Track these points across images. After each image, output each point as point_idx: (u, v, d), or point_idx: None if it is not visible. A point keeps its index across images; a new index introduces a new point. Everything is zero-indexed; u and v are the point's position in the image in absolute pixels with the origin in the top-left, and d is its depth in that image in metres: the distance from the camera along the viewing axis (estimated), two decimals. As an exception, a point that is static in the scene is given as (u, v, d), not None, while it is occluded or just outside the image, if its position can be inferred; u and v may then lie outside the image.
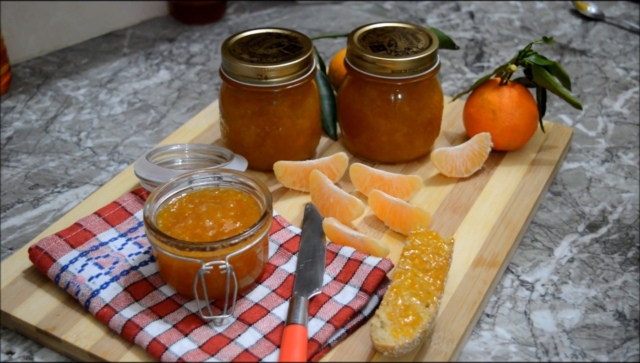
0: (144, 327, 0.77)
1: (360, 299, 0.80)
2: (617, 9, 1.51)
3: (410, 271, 0.80)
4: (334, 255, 0.86)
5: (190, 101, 1.21)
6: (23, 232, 0.95)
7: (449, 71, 1.30)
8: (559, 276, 0.88)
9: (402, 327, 0.74)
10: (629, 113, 1.18)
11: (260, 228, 0.78)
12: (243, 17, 1.48)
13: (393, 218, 0.91)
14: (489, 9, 1.51)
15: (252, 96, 0.96)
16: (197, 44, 1.38)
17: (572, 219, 0.97)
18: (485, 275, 0.85)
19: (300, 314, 0.77)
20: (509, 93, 1.01)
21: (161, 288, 0.82)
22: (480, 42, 1.39)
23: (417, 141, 1.01)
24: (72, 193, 1.01)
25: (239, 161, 0.98)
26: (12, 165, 1.06)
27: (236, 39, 0.99)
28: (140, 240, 0.88)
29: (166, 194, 0.83)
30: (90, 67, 1.30)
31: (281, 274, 0.84)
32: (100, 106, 1.20)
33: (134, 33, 1.41)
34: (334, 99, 1.08)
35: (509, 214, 0.94)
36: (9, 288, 0.83)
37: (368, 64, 0.96)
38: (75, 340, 0.78)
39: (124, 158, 1.08)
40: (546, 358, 0.79)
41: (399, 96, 0.98)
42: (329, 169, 0.97)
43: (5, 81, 1.21)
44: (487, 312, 0.84)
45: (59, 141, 1.12)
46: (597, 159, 1.08)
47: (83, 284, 0.81)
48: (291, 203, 0.96)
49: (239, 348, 0.76)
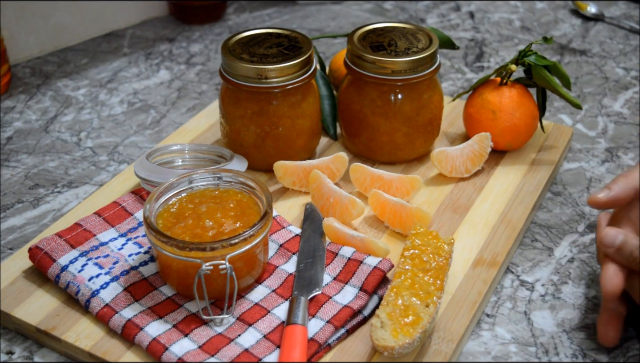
0: (144, 327, 0.77)
1: (360, 299, 0.80)
2: (617, 9, 1.51)
3: (410, 271, 0.80)
4: (334, 255, 0.86)
5: (190, 101, 1.21)
6: (23, 232, 0.95)
7: (449, 71, 1.30)
8: (559, 276, 0.88)
9: (402, 327, 0.74)
10: (629, 113, 1.18)
11: (260, 228, 0.78)
12: (243, 17, 1.48)
13: (393, 218, 0.91)
14: (489, 9, 1.51)
15: (252, 96, 0.96)
16: (197, 44, 1.38)
17: (572, 219, 0.97)
18: (485, 275, 0.85)
19: (300, 314, 0.77)
20: (509, 93, 1.01)
21: (161, 288, 0.82)
22: (480, 42, 1.39)
23: (417, 141, 1.01)
24: (72, 193, 1.01)
25: (239, 161, 0.98)
26: (12, 165, 1.06)
27: (236, 39, 0.99)
28: (140, 240, 0.88)
29: (166, 194, 0.83)
30: (90, 67, 1.30)
31: (281, 274, 0.84)
32: (100, 106, 1.20)
33: (134, 33, 1.41)
34: (334, 99, 1.08)
35: (509, 214, 0.94)
36: (9, 288, 0.83)
37: (368, 64, 0.96)
38: (75, 340, 0.78)
39: (124, 158, 1.08)
40: (546, 358, 0.79)
41: (399, 96, 0.98)
42: (329, 169, 0.97)
43: (5, 81, 1.21)
44: (487, 312, 0.84)
45: (59, 141, 1.12)
46: (597, 159, 1.08)
47: (83, 284, 0.81)
48: (291, 203, 0.96)
49: (239, 348, 0.76)
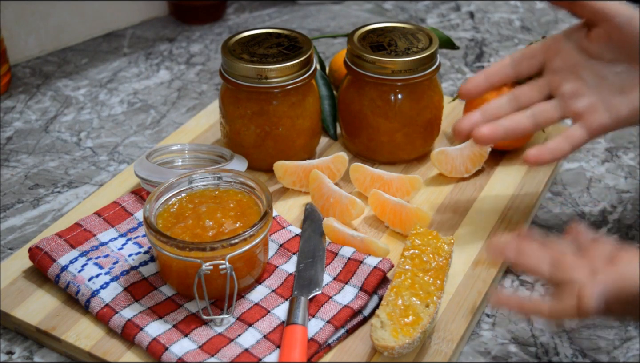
0: (144, 327, 0.77)
1: (360, 299, 0.80)
2: (617, 9, 1.51)
3: (410, 271, 0.80)
4: (334, 255, 0.86)
5: (190, 101, 1.21)
6: (23, 232, 0.95)
7: (449, 71, 1.30)
8: (559, 276, 0.88)
9: (402, 327, 0.74)
10: (629, 113, 1.18)
11: (260, 228, 0.78)
12: (243, 17, 1.48)
13: (393, 218, 0.91)
14: (489, 9, 1.51)
15: (252, 96, 0.96)
16: (197, 44, 1.38)
17: (572, 219, 0.97)
18: (485, 275, 0.85)
19: (300, 314, 0.77)
20: (509, 93, 1.01)
21: (161, 288, 0.82)
22: (480, 42, 1.39)
23: (417, 141, 1.01)
24: (72, 193, 1.01)
25: (239, 161, 0.98)
26: (12, 165, 1.06)
27: (236, 39, 0.99)
28: (140, 240, 0.88)
29: (166, 194, 0.83)
30: (90, 67, 1.30)
31: (281, 274, 0.84)
32: (100, 106, 1.20)
33: (134, 33, 1.41)
34: (334, 99, 1.08)
35: (509, 214, 0.94)
36: (9, 288, 0.83)
37: (368, 64, 0.96)
38: (75, 340, 0.78)
39: (124, 158, 1.08)
40: (546, 358, 0.79)
41: (399, 96, 0.98)
42: (329, 169, 0.97)
43: (5, 81, 1.21)
44: (487, 312, 0.84)
45: (59, 141, 1.12)
46: (597, 159, 1.08)
47: (83, 284, 0.81)
48: (291, 203, 0.96)
49: (239, 348, 0.76)
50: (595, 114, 0.85)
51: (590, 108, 0.85)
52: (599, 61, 0.86)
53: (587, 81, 0.86)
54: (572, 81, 0.87)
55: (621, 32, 0.84)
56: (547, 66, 0.89)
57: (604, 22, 0.84)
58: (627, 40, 0.84)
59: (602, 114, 0.85)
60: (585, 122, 0.85)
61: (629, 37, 0.83)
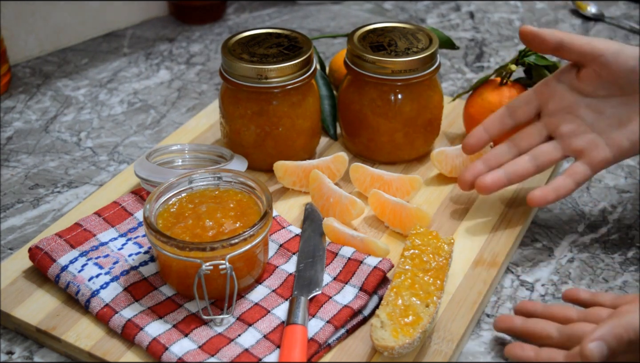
0: (144, 327, 0.77)
1: (360, 299, 0.80)
2: (617, 9, 1.51)
3: (410, 271, 0.80)
4: (334, 255, 0.86)
5: (190, 101, 1.21)
6: (23, 232, 0.95)
7: (449, 71, 1.30)
8: (559, 276, 0.88)
9: (402, 327, 0.74)
10: (629, 113, 1.18)
11: (260, 228, 0.78)
12: (243, 17, 1.48)
13: (393, 218, 0.91)
14: (489, 9, 1.51)
15: (252, 96, 0.96)
16: (197, 44, 1.38)
17: (572, 219, 0.97)
18: (485, 275, 0.85)
19: (300, 314, 0.77)
20: (509, 93, 1.01)
21: (161, 288, 0.82)
22: (480, 42, 1.39)
23: (417, 141, 1.01)
24: (72, 193, 1.01)
25: (239, 161, 0.98)
26: (12, 165, 1.06)
27: (236, 39, 0.99)
28: (140, 240, 0.88)
29: (166, 194, 0.83)
30: (90, 67, 1.30)
31: (281, 274, 0.84)
32: (100, 106, 1.20)
33: (134, 33, 1.41)
34: (334, 99, 1.08)
35: (509, 214, 0.94)
36: (9, 288, 0.83)
37: (368, 64, 0.96)
38: (75, 340, 0.78)
39: (124, 158, 1.08)
40: (546, 358, 0.79)
41: (399, 96, 0.98)
42: (329, 169, 0.97)
43: (5, 81, 1.21)
44: (487, 312, 0.84)
45: (59, 141, 1.12)
46: (597, 159, 1.08)
47: (83, 284, 0.81)
48: (291, 203, 0.96)
49: (239, 348, 0.76)
50: (596, 150, 0.86)
51: (591, 144, 0.86)
52: (594, 98, 0.87)
53: (584, 118, 0.87)
54: (570, 121, 0.88)
55: (610, 69, 0.85)
56: (543, 110, 0.91)
57: (592, 62, 0.86)
58: (617, 75, 0.85)
59: (604, 149, 0.86)
60: (587, 158, 0.86)
61: (619, 72, 0.84)
